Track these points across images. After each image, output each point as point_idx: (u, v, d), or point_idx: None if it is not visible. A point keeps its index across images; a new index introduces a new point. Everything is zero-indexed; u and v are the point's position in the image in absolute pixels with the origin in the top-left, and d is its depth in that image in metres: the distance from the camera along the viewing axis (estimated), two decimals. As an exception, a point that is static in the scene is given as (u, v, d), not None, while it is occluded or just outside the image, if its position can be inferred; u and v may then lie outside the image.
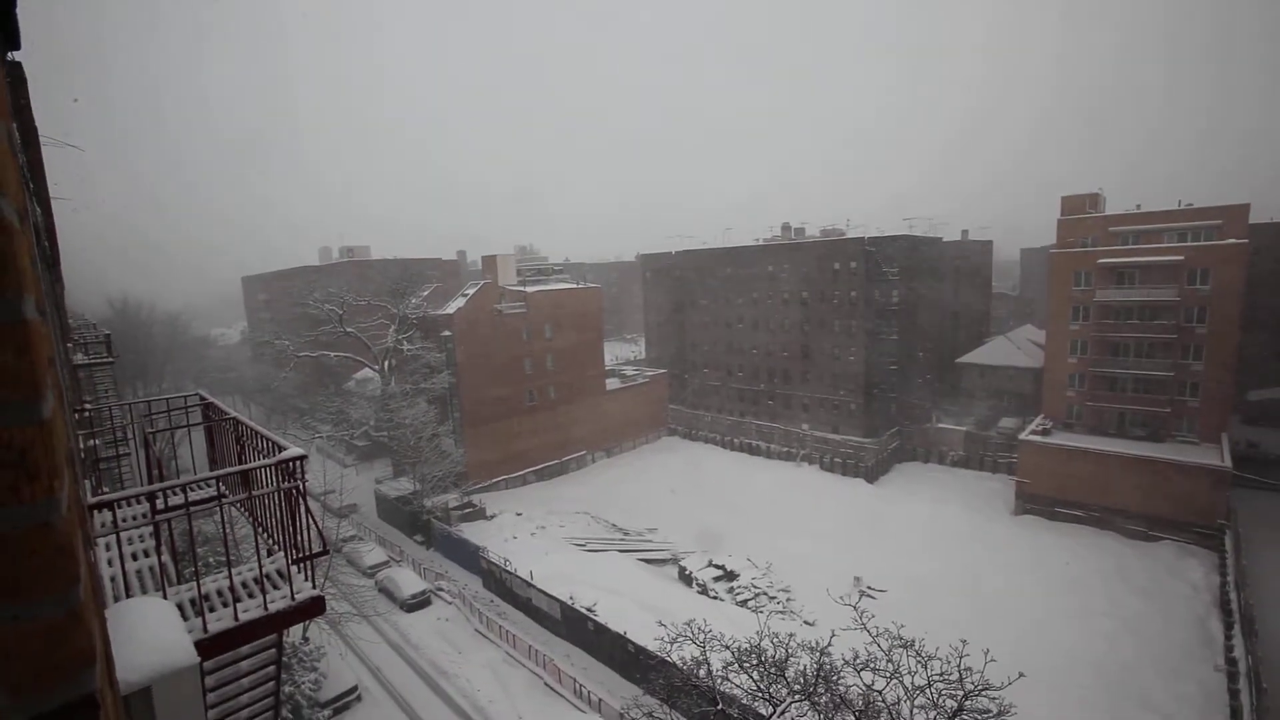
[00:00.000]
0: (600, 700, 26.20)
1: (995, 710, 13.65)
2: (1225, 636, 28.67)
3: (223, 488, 5.64)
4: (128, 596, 4.15)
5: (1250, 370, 49.49)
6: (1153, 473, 39.48)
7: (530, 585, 33.43)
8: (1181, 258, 41.44)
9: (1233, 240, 40.95)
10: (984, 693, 13.70)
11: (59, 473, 0.99)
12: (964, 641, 14.29)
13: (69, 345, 10.34)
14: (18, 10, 2.04)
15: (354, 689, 27.14)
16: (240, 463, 5.64)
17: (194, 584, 4.51)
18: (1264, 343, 53.47)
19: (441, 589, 36.66)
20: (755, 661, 15.76)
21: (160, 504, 4.31)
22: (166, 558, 5.40)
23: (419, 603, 34.79)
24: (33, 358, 0.94)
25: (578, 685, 27.31)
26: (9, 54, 2.62)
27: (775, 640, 16.31)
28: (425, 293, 54.30)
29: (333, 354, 52.50)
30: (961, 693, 13.67)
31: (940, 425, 55.14)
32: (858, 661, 14.79)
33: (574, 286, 58.66)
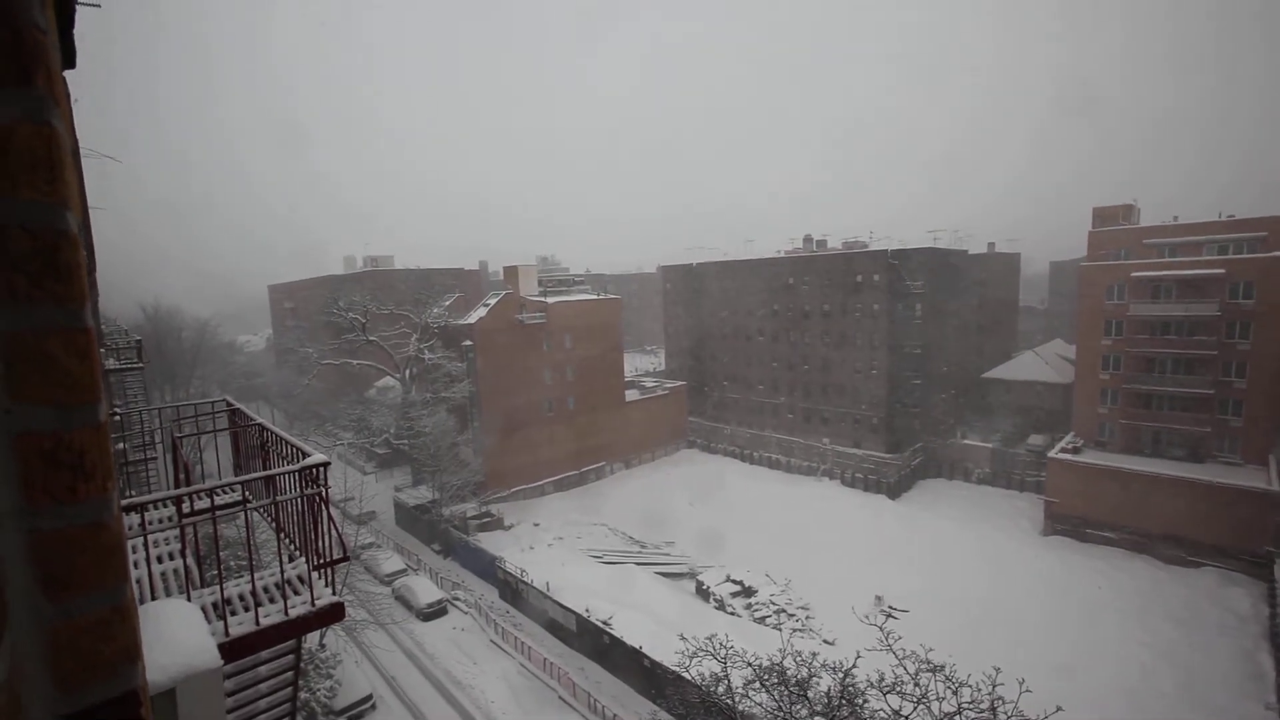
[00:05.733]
0: (615, 715, 25.92)
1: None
2: (1277, 672, 27.23)
3: (247, 493, 5.71)
4: (153, 599, 4.20)
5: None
6: (1192, 495, 38.01)
7: (546, 597, 33.34)
8: (1222, 271, 40.14)
9: (1277, 253, 39.53)
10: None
11: (111, 474, 1.02)
12: (997, 669, 13.80)
13: (102, 350, 10.66)
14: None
15: (369, 698, 27.21)
16: (265, 468, 5.72)
17: (217, 587, 4.55)
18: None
19: (458, 598, 36.75)
20: (776, 680, 15.43)
21: (187, 507, 4.37)
22: (191, 561, 5.47)
23: (435, 612, 34.89)
24: (92, 363, 0.98)
25: (592, 699, 27.06)
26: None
27: (798, 659, 15.97)
28: (447, 302, 55.08)
29: (355, 362, 53.39)
30: (993, 722, 13.19)
31: (965, 441, 54.02)
32: (883, 684, 14.38)
33: (594, 297, 58.98)
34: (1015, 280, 76.73)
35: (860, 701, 14.79)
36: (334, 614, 4.66)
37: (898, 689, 14.18)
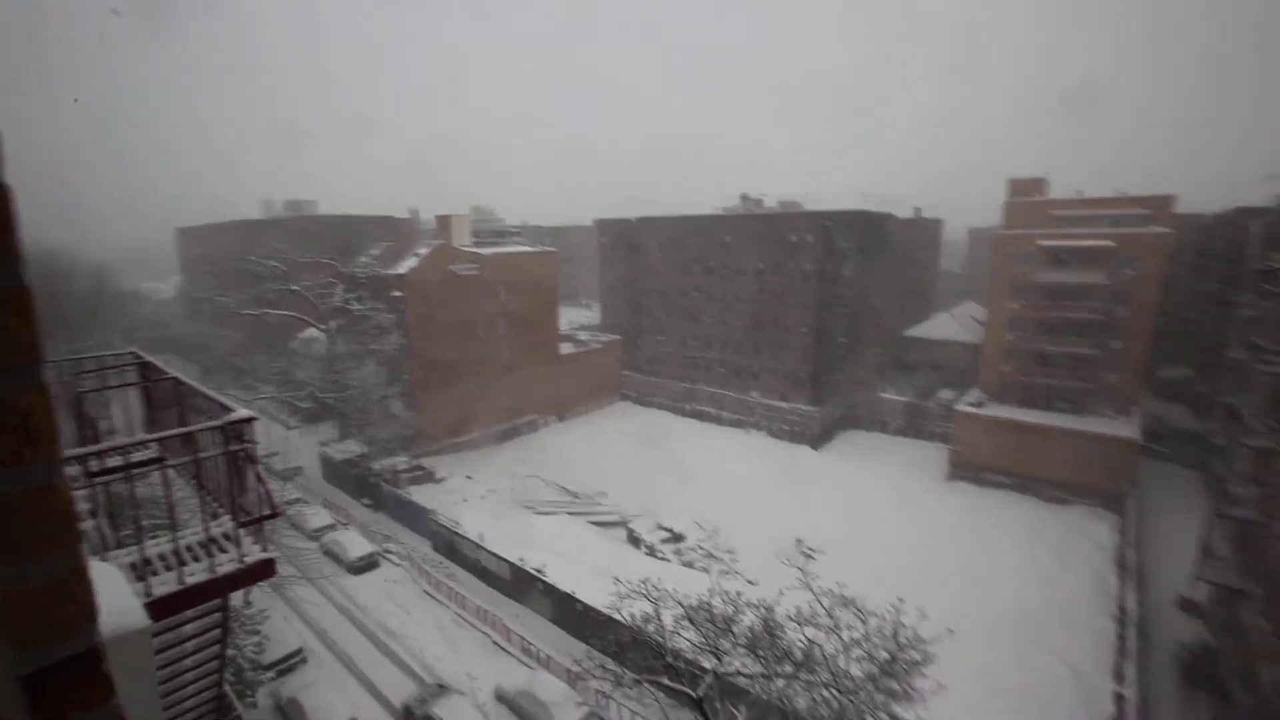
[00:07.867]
0: (549, 657, 26.89)
1: (923, 659, 14.79)
2: (1119, 590, 31.88)
3: (163, 450, 5.44)
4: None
5: (1165, 350, 53.86)
6: (1070, 442, 42.65)
7: (480, 547, 33.59)
8: (1112, 243, 43.93)
9: (1156, 229, 43.64)
10: (914, 645, 14.81)
11: (56, 437, 0.98)
12: (901, 600, 15.32)
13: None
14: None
15: (298, 651, 26.97)
16: (182, 424, 5.43)
17: (135, 549, 4.37)
18: (1183, 324, 57.83)
19: (390, 551, 36.41)
20: (705, 617, 16.47)
21: (95, 466, 4.13)
22: (104, 522, 5.18)
23: (366, 565, 34.51)
24: (33, 323, 0.95)
25: (527, 643, 27.90)
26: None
27: (724, 598, 17.06)
28: (376, 251, 52.18)
29: (275, 312, 50.07)
30: (895, 645, 14.74)
31: (884, 395, 57.54)
32: (800, 617, 15.67)
33: (530, 250, 57.49)
34: (937, 245, 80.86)
35: (780, 634, 16.07)
36: (264, 570, 4.60)
37: (813, 621, 15.52)
